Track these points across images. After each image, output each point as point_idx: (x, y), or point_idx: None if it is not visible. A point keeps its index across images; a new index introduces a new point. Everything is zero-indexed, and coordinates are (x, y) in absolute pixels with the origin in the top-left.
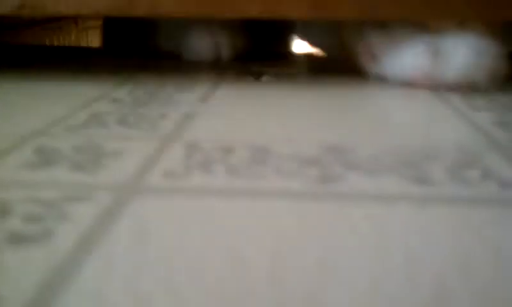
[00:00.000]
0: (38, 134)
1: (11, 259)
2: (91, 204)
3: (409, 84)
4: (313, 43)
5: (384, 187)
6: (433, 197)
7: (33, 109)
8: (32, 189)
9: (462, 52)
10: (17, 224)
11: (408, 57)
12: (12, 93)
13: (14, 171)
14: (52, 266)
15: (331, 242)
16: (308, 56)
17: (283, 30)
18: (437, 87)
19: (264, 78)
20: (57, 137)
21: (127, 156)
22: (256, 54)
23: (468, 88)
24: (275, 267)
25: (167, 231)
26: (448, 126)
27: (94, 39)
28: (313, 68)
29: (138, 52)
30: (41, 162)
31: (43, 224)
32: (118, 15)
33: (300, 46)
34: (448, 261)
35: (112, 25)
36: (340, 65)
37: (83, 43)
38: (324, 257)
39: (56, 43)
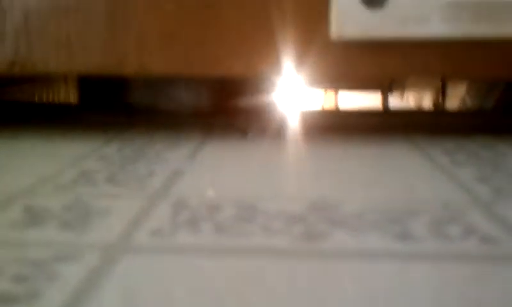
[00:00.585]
0: (26, 193)
1: None
2: (80, 264)
3: None
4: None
5: (368, 244)
6: (416, 254)
7: (22, 168)
8: (20, 249)
9: None
10: (6, 284)
11: None
12: (0, 151)
13: (3, 231)
14: None
15: (315, 297)
16: (295, 111)
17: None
18: None
19: (250, 134)
20: (46, 196)
21: (115, 214)
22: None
23: None
24: None
25: (154, 291)
26: (430, 181)
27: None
28: (300, 124)
29: (118, 107)
30: (30, 221)
31: (31, 285)
32: (108, 74)
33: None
34: None
35: (87, 82)
36: (328, 120)
37: (72, 100)
38: None
39: (45, 99)
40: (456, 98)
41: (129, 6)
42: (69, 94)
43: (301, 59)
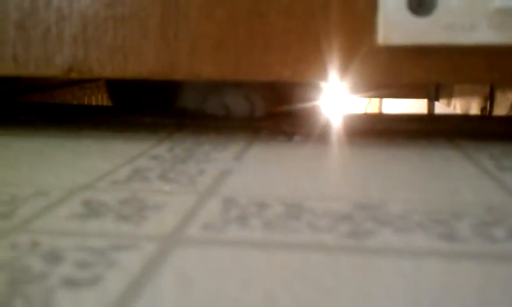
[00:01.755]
0: (84, 188)
1: (65, 301)
2: (137, 253)
3: None
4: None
5: (413, 243)
6: (460, 254)
7: (78, 165)
8: (81, 238)
9: None
10: (70, 269)
11: None
12: (57, 149)
13: (64, 222)
14: None
15: (362, 293)
16: (339, 116)
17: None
18: None
19: (296, 138)
20: (103, 191)
21: (168, 209)
22: (286, 113)
23: None
24: None
25: (208, 279)
26: (475, 185)
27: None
28: (344, 128)
29: (166, 110)
30: (89, 213)
31: (94, 270)
32: (160, 79)
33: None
34: None
35: (120, 84)
36: (372, 124)
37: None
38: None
39: (93, 102)
40: (505, 105)
41: (182, 14)
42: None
43: (347, 65)
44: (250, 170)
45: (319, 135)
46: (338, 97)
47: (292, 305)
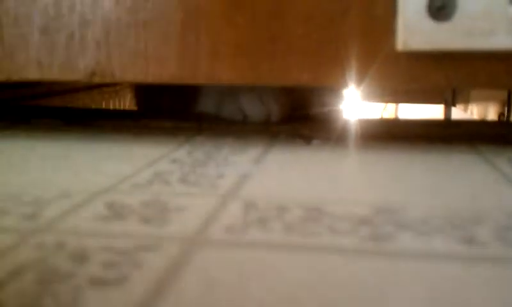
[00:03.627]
0: (107, 190)
1: (93, 299)
2: (161, 254)
3: None
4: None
5: (433, 246)
6: (479, 258)
7: (100, 168)
8: (106, 239)
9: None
10: (96, 269)
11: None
12: (79, 152)
13: (89, 223)
14: None
15: (382, 296)
16: (357, 120)
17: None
18: None
19: (314, 142)
20: (126, 194)
21: (190, 211)
22: (304, 117)
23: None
24: None
25: (231, 280)
26: (494, 190)
27: None
28: (362, 132)
29: (185, 115)
30: (113, 215)
31: (119, 270)
32: (181, 83)
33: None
34: None
35: (147, 89)
36: (390, 129)
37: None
38: None
39: (112, 106)
40: None
41: (203, 19)
42: (134, 102)
43: (366, 70)
44: (269, 173)
45: (337, 140)
46: (355, 102)
47: (314, 306)
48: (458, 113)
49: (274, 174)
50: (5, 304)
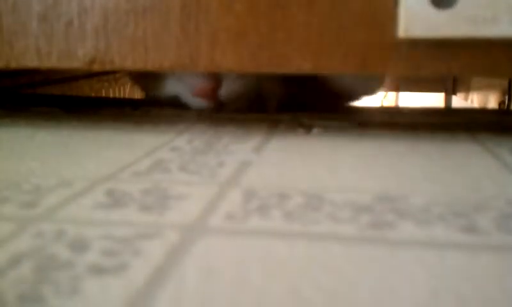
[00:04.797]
0: (107, 179)
1: (92, 288)
2: (161, 241)
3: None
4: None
5: (434, 234)
6: (481, 246)
7: (100, 156)
8: (106, 227)
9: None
10: (96, 257)
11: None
12: (79, 140)
13: (89, 211)
14: (129, 296)
15: (384, 283)
16: (357, 108)
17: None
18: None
19: (314, 130)
20: (126, 182)
21: (190, 199)
22: (304, 105)
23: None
24: (331, 305)
25: (231, 268)
26: (496, 178)
27: None
28: (362, 121)
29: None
30: (113, 203)
31: (119, 258)
32: (181, 70)
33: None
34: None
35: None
36: (390, 118)
37: (137, 95)
38: (377, 297)
39: (111, 95)
40: None
41: (202, 6)
42: (133, 91)
43: (367, 58)
44: (269, 162)
45: (337, 128)
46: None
47: (314, 294)
48: (459, 102)
49: (274, 163)
50: (4, 292)
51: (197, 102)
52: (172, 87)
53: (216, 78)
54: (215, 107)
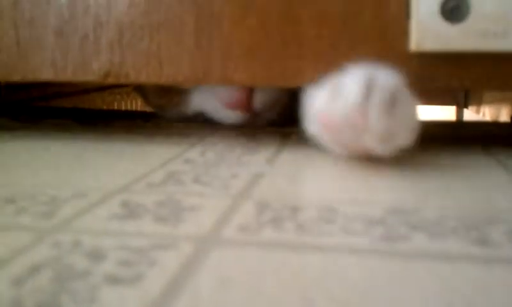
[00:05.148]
0: (122, 190)
1: (109, 297)
2: (176, 252)
3: None
4: None
5: (447, 247)
6: (494, 259)
7: (114, 167)
8: (122, 238)
9: None
10: (112, 267)
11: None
12: (93, 152)
13: (104, 222)
14: (145, 305)
15: (397, 295)
16: None
17: None
18: None
19: None
20: (140, 193)
21: (204, 211)
22: None
23: None
24: None
25: (245, 280)
26: (508, 192)
27: None
28: None
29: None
30: (128, 214)
31: (135, 269)
32: (194, 84)
33: None
34: None
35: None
36: None
37: (149, 108)
38: None
39: (123, 107)
40: None
41: (215, 21)
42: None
43: None
44: (282, 174)
45: None
46: None
47: (327, 305)
48: (470, 115)
49: (286, 175)
50: (23, 302)
51: (230, 115)
52: (197, 103)
53: (249, 87)
54: (250, 118)
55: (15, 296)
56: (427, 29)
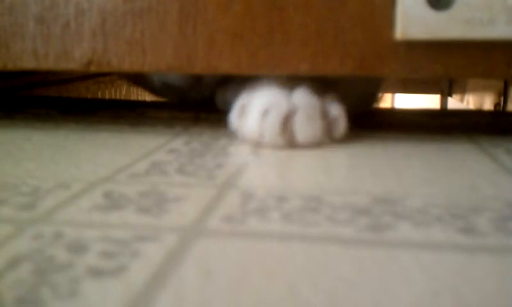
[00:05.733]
0: (105, 181)
1: (91, 290)
2: (159, 244)
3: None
4: None
5: (432, 236)
6: (480, 247)
7: (98, 158)
8: (104, 229)
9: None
10: (94, 259)
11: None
12: (76, 142)
13: (87, 213)
14: (129, 298)
15: (383, 284)
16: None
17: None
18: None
19: None
20: (123, 184)
21: (188, 201)
22: None
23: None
24: (331, 305)
25: (229, 270)
26: (493, 180)
27: (144, 93)
28: (358, 123)
29: (181, 105)
30: (111, 205)
31: (118, 260)
32: (178, 72)
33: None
34: None
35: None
36: (386, 119)
37: (133, 97)
38: (376, 298)
39: (107, 96)
40: None
41: (200, 8)
42: (129, 93)
43: (364, 59)
44: (267, 164)
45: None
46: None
47: (313, 295)
48: (454, 103)
49: (272, 165)
50: (3, 295)
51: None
52: None
53: None
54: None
55: None
56: (413, 17)
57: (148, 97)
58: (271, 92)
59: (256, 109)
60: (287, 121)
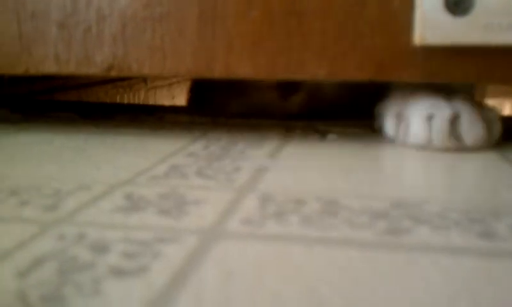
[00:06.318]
0: (125, 183)
1: (113, 289)
2: (179, 245)
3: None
4: None
5: (451, 240)
6: (499, 252)
7: (117, 161)
8: (125, 230)
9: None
10: (116, 259)
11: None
12: (96, 145)
13: (108, 215)
14: (150, 298)
15: (401, 287)
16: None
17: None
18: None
19: (329, 136)
20: (143, 186)
21: (207, 204)
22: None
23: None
24: None
25: (249, 272)
26: None
27: (161, 98)
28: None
29: (200, 109)
30: (131, 207)
31: (139, 261)
32: (197, 77)
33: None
34: None
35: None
36: None
37: (151, 101)
38: (395, 301)
39: (126, 101)
40: None
41: (219, 13)
42: (147, 97)
43: (383, 65)
44: (285, 167)
45: (352, 134)
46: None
47: (332, 298)
48: None
49: (290, 168)
50: (27, 294)
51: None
52: None
53: None
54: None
55: (19, 288)
56: (431, 22)
57: (165, 102)
58: (428, 99)
59: (420, 115)
60: (451, 126)
